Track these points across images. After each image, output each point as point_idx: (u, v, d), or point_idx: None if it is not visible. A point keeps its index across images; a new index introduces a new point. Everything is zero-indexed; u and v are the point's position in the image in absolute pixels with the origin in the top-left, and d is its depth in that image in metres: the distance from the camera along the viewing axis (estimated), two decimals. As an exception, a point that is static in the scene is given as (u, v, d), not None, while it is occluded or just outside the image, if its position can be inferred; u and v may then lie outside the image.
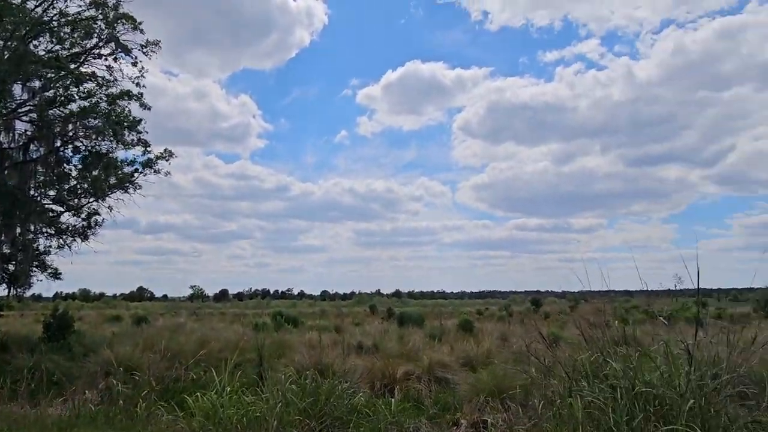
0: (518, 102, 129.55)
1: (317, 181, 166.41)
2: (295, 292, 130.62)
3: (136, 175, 15.60)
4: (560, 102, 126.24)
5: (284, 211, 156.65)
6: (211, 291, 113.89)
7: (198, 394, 6.54)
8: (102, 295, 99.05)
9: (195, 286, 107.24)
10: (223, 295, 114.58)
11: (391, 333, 17.05)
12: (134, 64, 14.96)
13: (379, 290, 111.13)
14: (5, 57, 12.77)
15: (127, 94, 14.10)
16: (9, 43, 12.86)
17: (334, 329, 21.21)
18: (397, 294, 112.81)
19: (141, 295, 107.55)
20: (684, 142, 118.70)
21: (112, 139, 14.05)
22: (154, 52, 15.14)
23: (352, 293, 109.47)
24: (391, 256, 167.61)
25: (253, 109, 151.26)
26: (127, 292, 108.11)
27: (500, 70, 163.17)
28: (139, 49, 14.91)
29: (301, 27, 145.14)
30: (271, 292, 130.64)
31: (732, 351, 4.81)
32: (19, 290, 15.46)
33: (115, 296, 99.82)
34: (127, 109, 14.57)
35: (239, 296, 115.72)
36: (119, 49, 14.72)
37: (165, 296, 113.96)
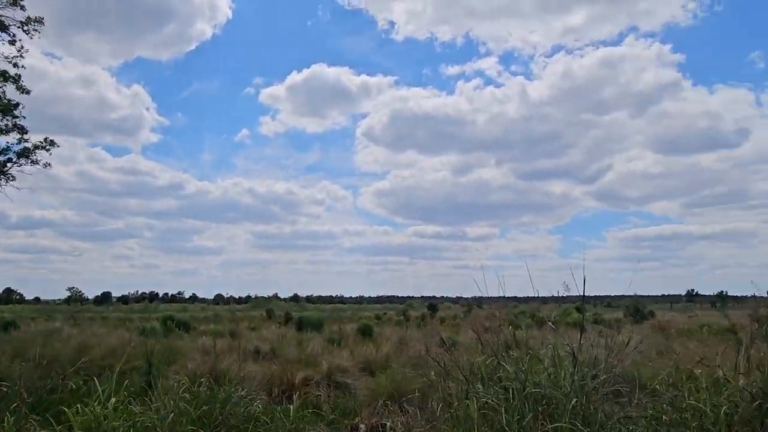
0: (421, 112, 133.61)
1: (215, 179, 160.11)
2: (187, 295, 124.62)
3: (9, 165, 14.14)
4: (460, 115, 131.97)
5: (177, 210, 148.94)
6: (91, 293, 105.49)
7: (78, 405, 6.02)
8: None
9: (73, 288, 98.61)
10: (105, 298, 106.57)
11: (289, 338, 16.79)
12: (12, 43, 13.58)
13: (276, 294, 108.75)
14: None
15: (2, 75, 12.74)
16: None
17: (229, 334, 20.48)
18: (295, 298, 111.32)
19: (9, 297, 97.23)
20: (569, 160, 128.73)
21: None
22: (36, 30, 13.81)
23: (248, 297, 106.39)
24: (290, 260, 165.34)
25: (146, 100, 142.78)
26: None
27: (404, 80, 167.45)
28: (18, 27, 13.56)
29: (202, 19, 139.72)
30: (160, 295, 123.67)
31: (609, 353, 5.27)
32: None
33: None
34: (1, 90, 13.18)
35: (124, 299, 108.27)
36: (-6, 25, 13.30)
37: (37, 299, 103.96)
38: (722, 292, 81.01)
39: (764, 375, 4.28)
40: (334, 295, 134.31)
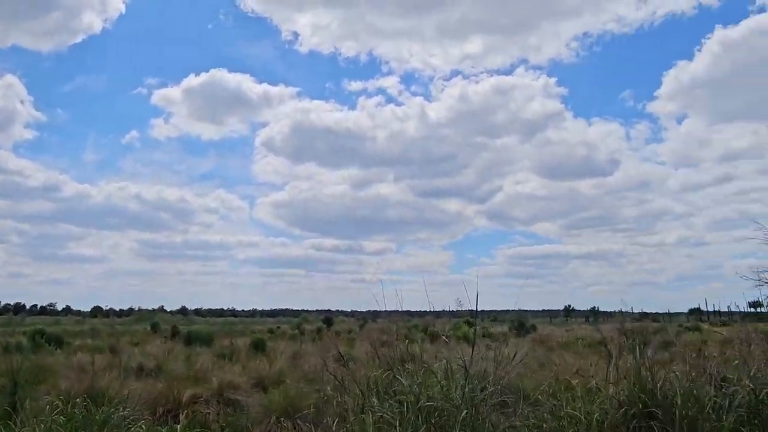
0: (322, 125, 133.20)
1: (98, 182, 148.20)
2: (60, 307, 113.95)
3: None
4: (361, 130, 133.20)
5: (52, 213, 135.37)
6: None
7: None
8: None
9: None
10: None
11: (176, 353, 15.94)
12: None
13: (162, 307, 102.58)
14: None
15: None
16: None
17: (109, 350, 19.02)
18: (183, 311, 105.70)
19: None
20: (463, 180, 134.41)
21: None
22: None
23: (131, 310, 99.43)
24: (179, 270, 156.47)
25: (21, 93, 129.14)
26: None
27: (307, 92, 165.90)
28: None
29: (91, 11, 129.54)
30: (28, 306, 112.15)
31: (497, 366, 5.57)
32: None
33: None
34: None
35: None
36: None
37: None
38: (594, 307, 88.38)
39: (630, 384, 4.75)
40: (225, 308, 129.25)
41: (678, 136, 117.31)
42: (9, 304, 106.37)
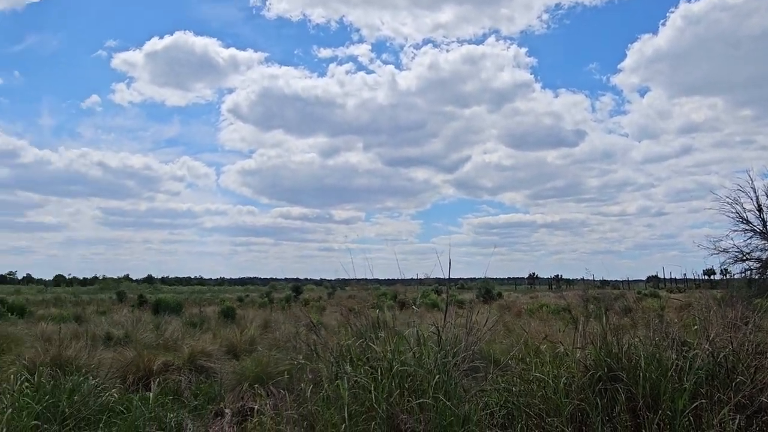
0: (290, 92, 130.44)
1: (57, 148, 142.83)
2: (20, 276, 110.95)
3: None
4: (330, 98, 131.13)
5: (10, 180, 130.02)
6: None
7: None
8: None
9: None
10: None
11: (145, 322, 15.74)
12: None
13: (128, 275, 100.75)
14: None
15: None
16: None
17: (75, 319, 18.70)
18: (150, 280, 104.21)
19: None
20: (432, 149, 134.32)
21: None
22: None
23: (95, 278, 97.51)
24: (145, 239, 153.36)
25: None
26: None
27: (275, 58, 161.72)
28: None
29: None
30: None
31: (468, 332, 5.70)
32: None
33: None
34: None
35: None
36: None
37: None
38: (558, 275, 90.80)
39: (597, 349, 4.93)
40: (192, 277, 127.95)
41: (641, 108, 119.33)
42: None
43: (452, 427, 4.53)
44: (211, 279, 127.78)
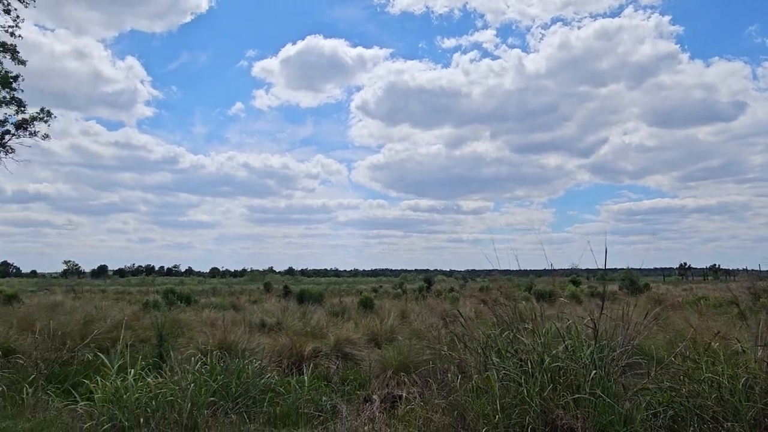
0: (415, 85, 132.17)
1: (209, 153, 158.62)
2: (182, 268, 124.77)
3: (7, 137, 13.96)
4: (455, 87, 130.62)
5: (172, 184, 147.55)
6: (87, 267, 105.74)
7: (98, 378, 6.07)
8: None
9: (69, 261, 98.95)
10: (102, 271, 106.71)
11: (291, 310, 16.89)
12: (7, 12, 13.24)
13: (271, 268, 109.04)
14: None
15: (2, 46, 12.46)
16: None
17: (231, 307, 20.60)
18: (290, 272, 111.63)
19: (5, 270, 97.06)
20: (564, 133, 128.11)
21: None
22: (32, -1, 13.50)
23: (244, 270, 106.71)
24: (285, 234, 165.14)
25: (141, 73, 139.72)
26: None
27: (400, 53, 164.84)
28: (13, -5, 13.22)
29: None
30: (156, 268, 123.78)
31: (625, 326, 5.34)
32: None
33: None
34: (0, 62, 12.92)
35: (120, 273, 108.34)
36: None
37: (34, 272, 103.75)
38: (715, 264, 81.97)
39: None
40: (328, 269, 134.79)
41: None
42: (141, 266, 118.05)
43: (613, 426, 4.28)
44: (345, 270, 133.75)
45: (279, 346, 9.83)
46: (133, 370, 6.04)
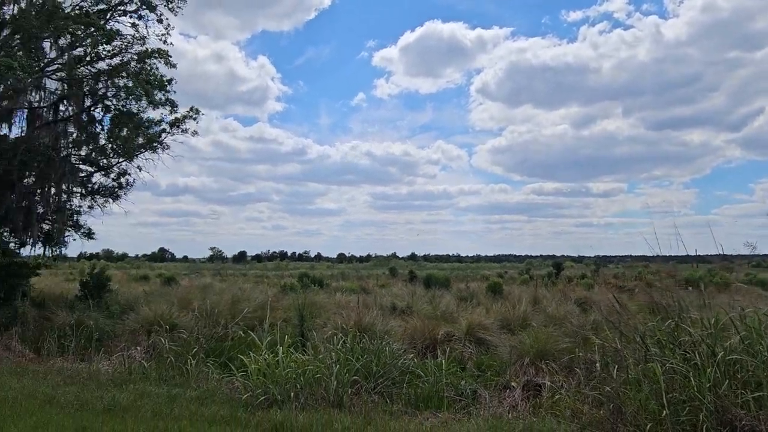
0: (538, 63, 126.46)
1: (334, 143, 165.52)
2: (312, 254, 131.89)
3: (163, 135, 15.50)
4: (582, 63, 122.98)
5: (301, 174, 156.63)
6: (229, 253, 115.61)
7: (251, 353, 6.53)
8: (125, 255, 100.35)
9: (214, 247, 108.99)
10: (241, 256, 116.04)
11: (419, 295, 17.05)
12: (160, 21, 14.64)
13: (395, 253, 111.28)
14: (33, 12, 12.55)
15: (157, 52, 13.80)
16: (36, -2, 12.60)
17: (362, 291, 21.29)
18: (413, 257, 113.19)
19: (162, 256, 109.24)
20: (710, 105, 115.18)
21: (142, 98, 13.85)
22: (180, 7, 14.78)
23: (368, 256, 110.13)
24: (407, 220, 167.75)
25: (271, 71, 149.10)
26: (148, 253, 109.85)
27: (521, 30, 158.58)
28: (164, 5, 14.57)
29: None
30: (289, 254, 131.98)
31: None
32: (54, 249, 15.62)
33: (137, 257, 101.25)
34: (156, 68, 14.33)
35: (257, 258, 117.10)
36: (144, 5, 14.38)
37: (185, 257, 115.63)
38: None
39: None
40: (450, 254, 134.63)
41: None
42: (275, 252, 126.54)
43: (809, 432, 3.70)
44: (467, 256, 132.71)
45: (411, 328, 9.92)
46: (281, 348, 6.41)
